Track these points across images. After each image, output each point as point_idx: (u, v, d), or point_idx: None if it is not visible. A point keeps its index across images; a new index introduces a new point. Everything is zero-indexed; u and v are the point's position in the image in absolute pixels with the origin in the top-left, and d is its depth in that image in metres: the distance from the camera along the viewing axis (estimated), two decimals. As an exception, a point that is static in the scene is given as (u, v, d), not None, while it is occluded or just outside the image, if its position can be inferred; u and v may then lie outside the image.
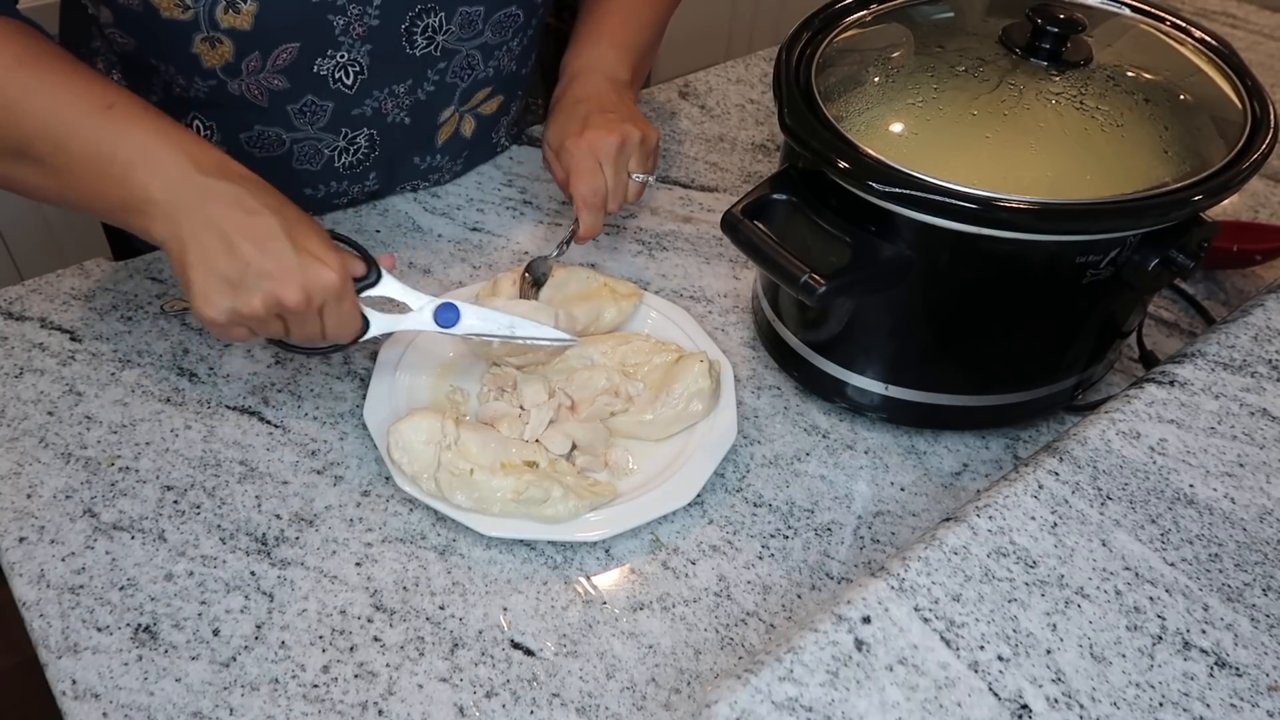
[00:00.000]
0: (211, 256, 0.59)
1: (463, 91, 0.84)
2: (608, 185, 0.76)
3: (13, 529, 0.63)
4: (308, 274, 0.60)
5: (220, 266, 0.59)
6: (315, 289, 0.60)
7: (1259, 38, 1.17)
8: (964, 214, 0.56)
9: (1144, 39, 0.70)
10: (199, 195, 0.60)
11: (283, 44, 0.71)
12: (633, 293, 0.77)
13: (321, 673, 0.57)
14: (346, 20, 0.72)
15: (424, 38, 0.77)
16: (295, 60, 0.73)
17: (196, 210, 0.59)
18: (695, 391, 0.68)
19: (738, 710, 0.43)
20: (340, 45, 0.74)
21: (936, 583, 0.49)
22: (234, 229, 0.59)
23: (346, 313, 0.63)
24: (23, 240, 1.57)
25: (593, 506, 0.64)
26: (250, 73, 0.72)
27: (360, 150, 0.83)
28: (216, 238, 0.59)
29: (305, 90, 0.76)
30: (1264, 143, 0.60)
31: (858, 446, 0.71)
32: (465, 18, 0.78)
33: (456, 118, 0.86)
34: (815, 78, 0.65)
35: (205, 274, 0.59)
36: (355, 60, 0.75)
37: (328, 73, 0.75)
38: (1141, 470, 0.54)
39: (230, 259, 0.59)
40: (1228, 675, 0.46)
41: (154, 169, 0.60)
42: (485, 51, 0.82)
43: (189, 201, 0.60)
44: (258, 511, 0.65)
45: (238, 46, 0.70)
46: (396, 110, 0.81)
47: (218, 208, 0.59)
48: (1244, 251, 0.84)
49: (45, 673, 0.57)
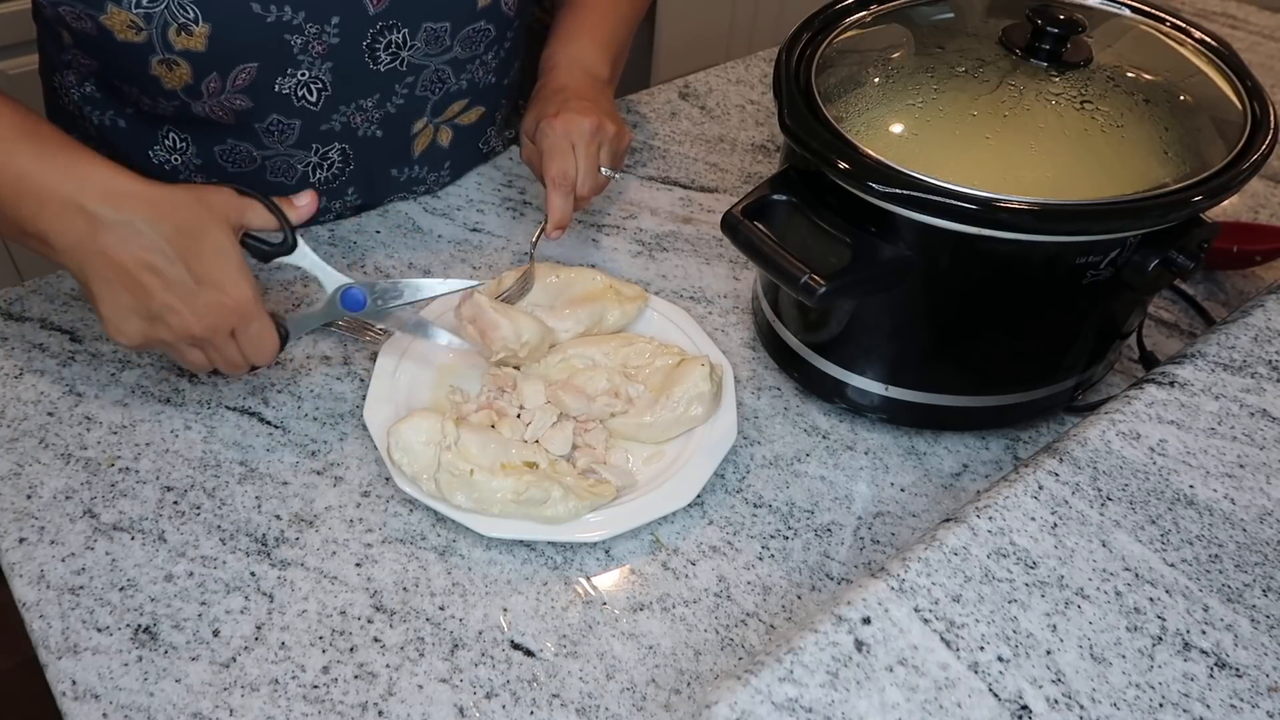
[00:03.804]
0: (114, 290, 0.59)
1: (434, 104, 0.83)
2: (579, 168, 0.75)
3: (13, 530, 0.63)
4: (209, 303, 0.60)
5: (124, 300, 0.59)
6: (219, 318, 0.60)
7: (1259, 38, 1.17)
8: (964, 215, 0.56)
9: (1144, 40, 0.70)
10: (89, 231, 0.58)
11: (240, 64, 0.70)
12: (638, 295, 0.77)
13: (321, 673, 0.57)
14: (305, 39, 0.71)
15: (387, 54, 0.75)
16: (255, 80, 0.71)
17: (89, 246, 0.58)
18: (695, 395, 0.68)
19: (738, 711, 0.43)
20: (300, 64, 0.72)
21: (936, 583, 0.49)
22: (130, 265, 0.58)
23: (257, 333, 0.63)
24: (23, 240, 1.57)
25: (593, 507, 0.64)
26: (211, 94, 0.71)
27: (334, 165, 0.82)
28: (115, 272, 0.58)
29: (269, 109, 0.74)
30: (1264, 144, 0.60)
31: (858, 447, 0.71)
32: (431, 34, 0.76)
33: (431, 129, 0.85)
34: (815, 78, 0.65)
35: (112, 306, 0.59)
36: (317, 78, 0.74)
37: (290, 91, 0.74)
38: (1141, 471, 0.54)
39: (133, 292, 0.59)
40: (1228, 676, 0.46)
41: (40, 203, 0.58)
42: (456, 65, 0.80)
43: (80, 237, 0.58)
44: (258, 512, 0.65)
45: (194, 68, 0.69)
46: (366, 124, 0.80)
47: (109, 243, 0.58)
48: (1244, 252, 0.84)
49: (45, 673, 0.57)
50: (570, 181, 0.75)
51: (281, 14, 0.69)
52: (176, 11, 0.66)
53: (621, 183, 0.94)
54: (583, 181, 0.76)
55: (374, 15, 0.73)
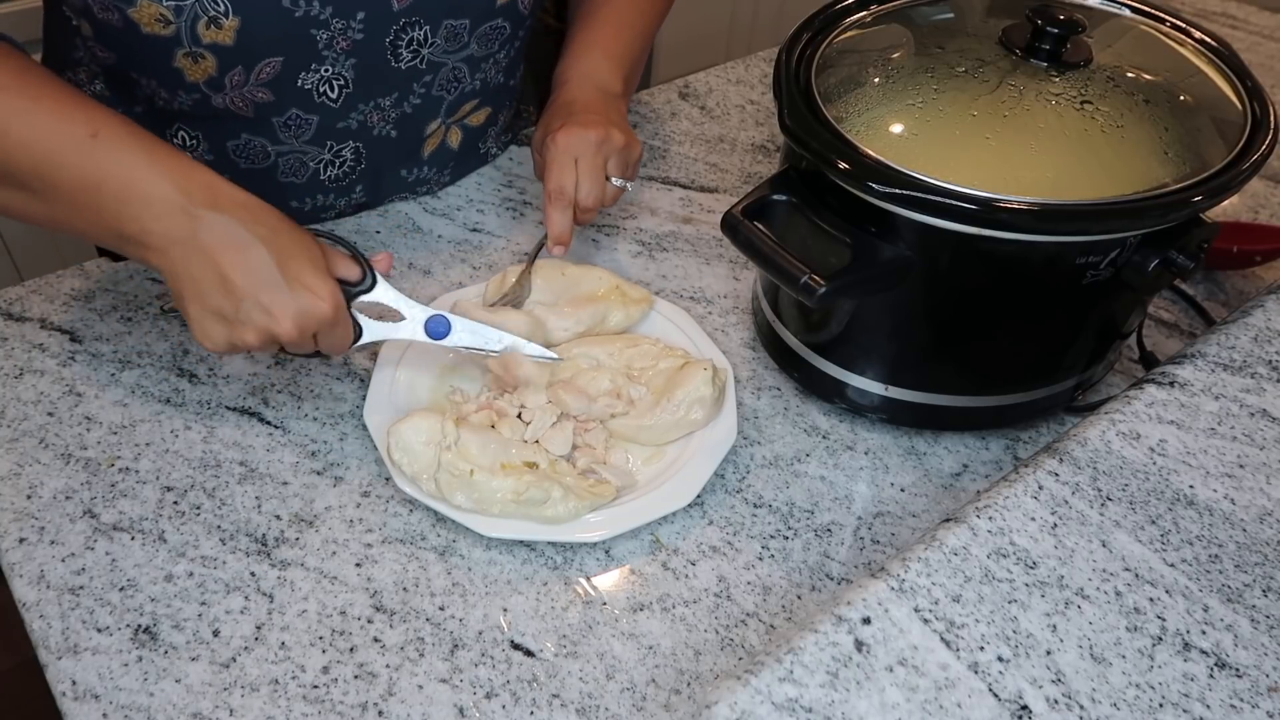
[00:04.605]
0: (206, 291, 0.59)
1: (449, 104, 0.84)
2: (580, 181, 0.75)
3: (13, 530, 0.63)
4: (300, 306, 0.60)
5: (214, 301, 0.59)
6: (308, 321, 0.61)
7: (1259, 38, 1.17)
8: (964, 215, 0.56)
9: (1144, 40, 0.70)
10: (190, 229, 0.59)
11: (266, 58, 0.71)
12: (644, 299, 0.77)
13: (321, 673, 0.57)
14: (330, 34, 0.72)
15: (409, 51, 0.77)
16: (279, 74, 0.72)
17: (188, 243, 0.59)
18: (696, 399, 0.68)
19: (738, 711, 0.43)
20: (324, 59, 0.73)
21: (936, 584, 0.49)
22: (226, 263, 0.59)
23: (339, 336, 0.63)
24: (23, 240, 1.57)
25: (593, 507, 0.64)
26: (234, 87, 0.72)
27: (346, 163, 0.82)
28: (209, 272, 0.59)
29: (290, 104, 0.75)
30: (1264, 144, 0.60)
31: (858, 447, 0.71)
32: (450, 31, 0.77)
33: (443, 130, 0.86)
34: (815, 78, 0.65)
35: (200, 308, 0.60)
36: (340, 74, 0.75)
37: (312, 86, 0.75)
38: (1141, 471, 0.54)
39: (224, 294, 0.59)
40: (1228, 676, 0.46)
41: (144, 202, 0.59)
42: (471, 64, 0.82)
43: (180, 235, 0.59)
44: (258, 512, 0.65)
45: (220, 61, 0.70)
46: (382, 123, 0.81)
47: (208, 241, 0.59)
48: (1244, 252, 0.84)
49: (45, 673, 0.57)
50: (567, 196, 0.75)
51: (309, 8, 0.70)
52: (208, 5, 0.66)
53: (621, 183, 0.94)
54: (586, 194, 0.76)
55: (397, 11, 0.74)
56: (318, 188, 0.83)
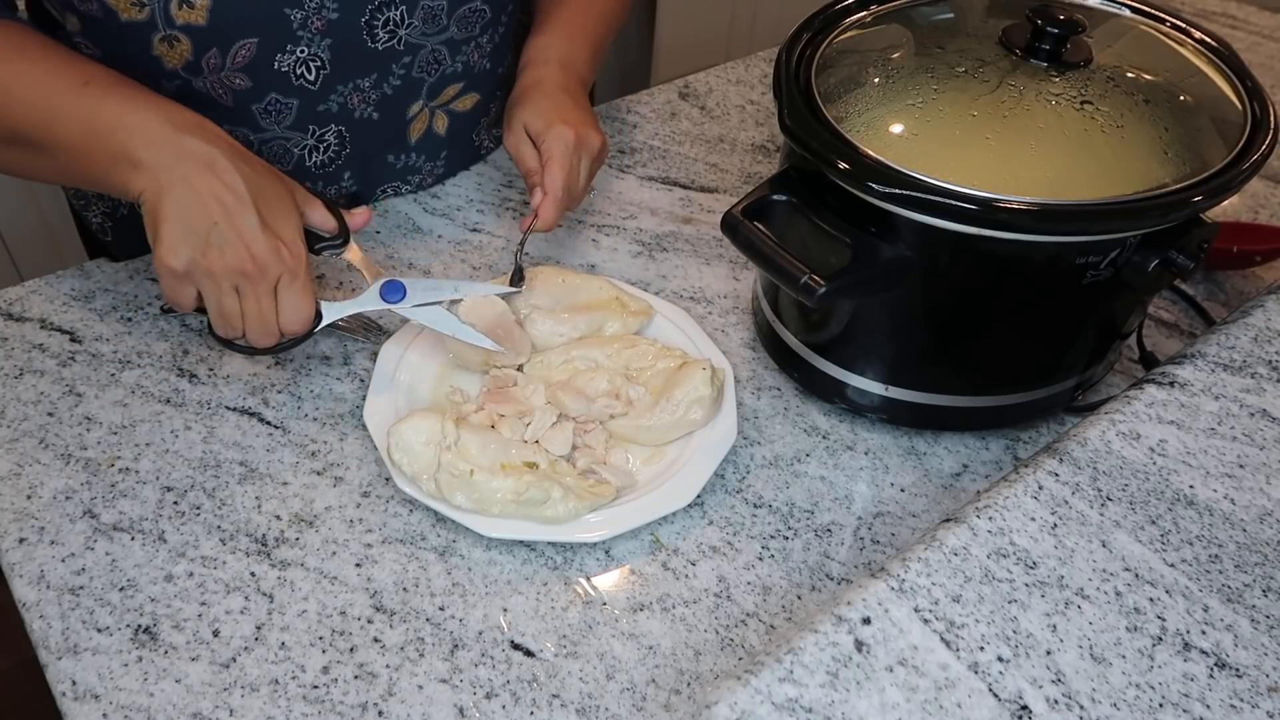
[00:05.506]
0: (184, 208, 0.62)
1: (430, 86, 0.84)
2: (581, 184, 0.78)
3: (13, 530, 0.63)
4: (268, 245, 0.63)
5: (190, 219, 0.62)
6: (274, 262, 0.63)
7: (1259, 39, 1.17)
8: (964, 215, 0.56)
9: (1144, 40, 0.70)
10: (176, 152, 0.63)
11: (240, 39, 0.71)
12: (643, 310, 0.77)
13: (321, 674, 0.57)
14: (304, 14, 0.72)
15: (385, 31, 0.77)
16: (255, 57, 0.73)
17: (174, 166, 0.62)
18: (695, 399, 0.68)
19: (738, 711, 0.43)
20: (299, 40, 0.74)
21: (936, 584, 0.49)
22: (206, 189, 0.62)
23: (299, 292, 0.65)
24: (23, 240, 1.57)
25: (593, 507, 0.64)
26: (211, 70, 0.72)
27: (330, 148, 0.83)
28: (190, 193, 0.62)
29: (268, 88, 0.76)
30: (1264, 144, 0.60)
31: (858, 447, 0.71)
32: (428, 12, 0.78)
33: (427, 114, 0.86)
34: (815, 79, 0.65)
35: (175, 224, 0.62)
36: (316, 55, 0.75)
37: (289, 69, 0.75)
38: (1141, 471, 0.54)
39: (200, 214, 0.62)
40: (1228, 676, 0.46)
41: (132, 130, 0.63)
42: (451, 47, 0.82)
43: (167, 158, 0.63)
44: (258, 512, 0.65)
45: (195, 43, 0.70)
46: (363, 105, 0.81)
47: (193, 166, 0.62)
48: (1244, 252, 0.84)
49: (45, 673, 0.57)
50: (573, 197, 0.78)
51: None
52: None
53: (621, 183, 0.94)
54: (577, 197, 0.79)
55: None
56: (304, 175, 0.83)
